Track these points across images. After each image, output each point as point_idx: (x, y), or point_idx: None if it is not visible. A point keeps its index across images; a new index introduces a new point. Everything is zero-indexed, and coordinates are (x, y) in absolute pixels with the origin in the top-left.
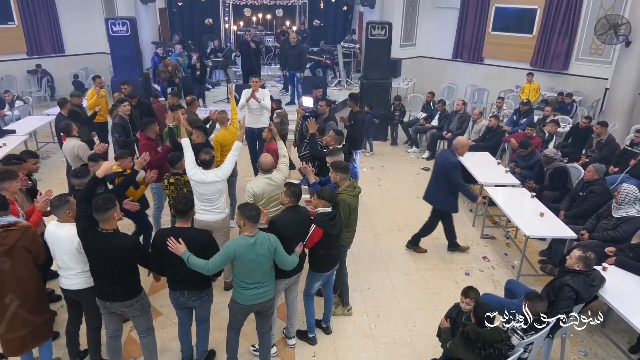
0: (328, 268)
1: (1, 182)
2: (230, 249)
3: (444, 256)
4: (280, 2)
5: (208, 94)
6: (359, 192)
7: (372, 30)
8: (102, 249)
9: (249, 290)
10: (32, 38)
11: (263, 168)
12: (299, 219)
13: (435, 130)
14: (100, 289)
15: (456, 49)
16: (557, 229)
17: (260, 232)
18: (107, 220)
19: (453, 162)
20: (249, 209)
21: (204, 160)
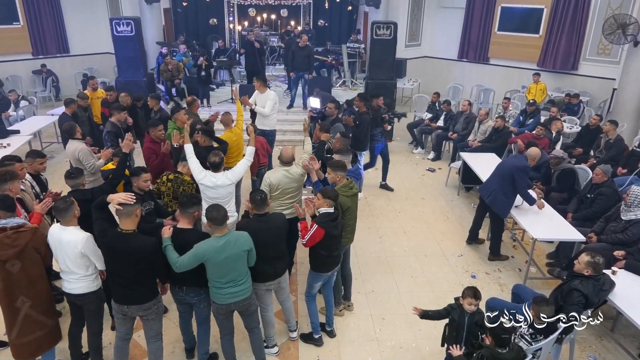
0: (329, 268)
1: (3, 183)
2: (198, 251)
3: (449, 259)
4: (285, 2)
5: (212, 94)
6: (356, 193)
7: (377, 30)
8: (121, 250)
9: (224, 289)
10: (37, 38)
11: (283, 160)
12: (266, 227)
13: (441, 130)
14: (118, 292)
15: (462, 49)
16: (565, 232)
17: (231, 231)
18: (129, 216)
19: (525, 166)
20: (213, 210)
21: (214, 162)
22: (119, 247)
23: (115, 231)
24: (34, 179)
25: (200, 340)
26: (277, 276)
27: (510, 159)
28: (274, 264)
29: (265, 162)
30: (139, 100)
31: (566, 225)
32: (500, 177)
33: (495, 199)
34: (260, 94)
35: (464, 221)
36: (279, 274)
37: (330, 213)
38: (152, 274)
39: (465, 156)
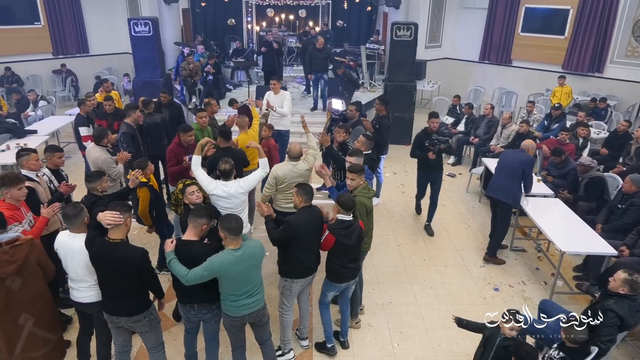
0: (342, 279)
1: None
2: (213, 265)
3: (471, 269)
4: (304, 3)
5: (229, 95)
6: (373, 195)
7: (397, 31)
8: (107, 259)
9: (239, 301)
10: (57, 38)
11: (291, 155)
12: (312, 219)
13: (462, 135)
14: (106, 303)
15: (483, 51)
16: (595, 244)
17: (245, 242)
18: (119, 227)
19: (531, 159)
20: (229, 220)
21: (224, 170)
22: (106, 256)
23: (103, 240)
24: (54, 173)
25: (210, 358)
26: (313, 271)
27: (514, 154)
28: (313, 259)
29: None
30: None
31: (595, 237)
32: (508, 173)
33: (506, 191)
34: (275, 95)
35: (485, 230)
36: (314, 269)
37: (345, 221)
38: (142, 285)
39: (487, 162)
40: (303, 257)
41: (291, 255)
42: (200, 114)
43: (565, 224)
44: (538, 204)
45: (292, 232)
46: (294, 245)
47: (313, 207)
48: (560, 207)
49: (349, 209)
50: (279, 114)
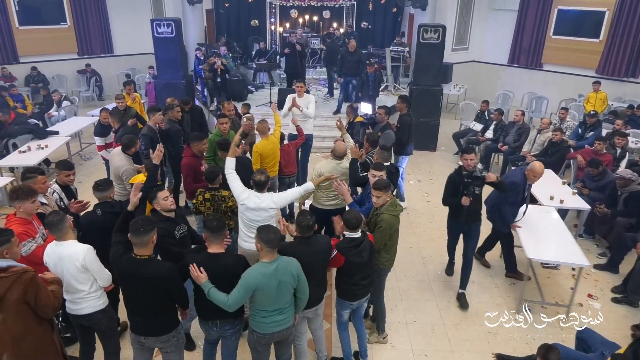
0: (354, 297)
1: (12, 201)
2: (249, 281)
3: (500, 287)
4: (328, 3)
5: (251, 97)
6: (401, 211)
7: (425, 34)
8: (135, 276)
9: (270, 317)
10: (83, 38)
11: (336, 154)
12: (313, 251)
13: (490, 142)
14: (134, 322)
15: (512, 54)
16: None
17: (280, 257)
18: (145, 244)
19: (513, 181)
20: (267, 231)
21: (259, 181)
22: (133, 273)
23: (129, 256)
24: (63, 190)
25: None
26: (315, 303)
27: (509, 172)
28: (315, 290)
29: (291, 172)
30: (187, 104)
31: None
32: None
33: (492, 215)
34: (299, 98)
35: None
36: (318, 300)
37: (354, 239)
38: (170, 302)
39: None
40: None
41: None
42: (222, 120)
43: (547, 232)
44: (532, 212)
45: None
46: None
47: (317, 236)
48: (552, 216)
49: (354, 228)
50: (305, 115)
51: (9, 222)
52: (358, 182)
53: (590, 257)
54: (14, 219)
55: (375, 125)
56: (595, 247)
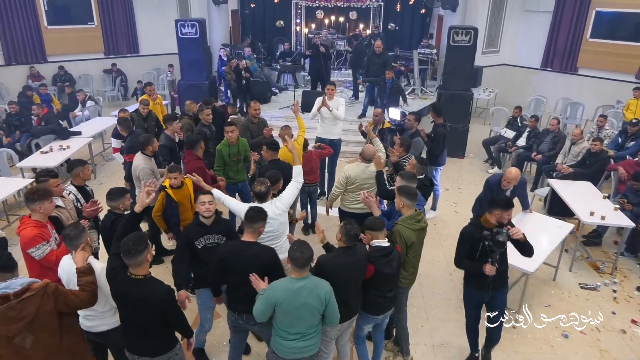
0: (380, 311)
1: (31, 202)
2: (270, 293)
3: (535, 309)
4: (355, 4)
5: (274, 99)
6: (424, 227)
7: (455, 36)
8: (129, 296)
9: (289, 341)
10: (109, 38)
11: (365, 157)
12: (352, 262)
13: (522, 150)
14: (128, 340)
15: (546, 57)
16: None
17: (312, 277)
18: (139, 264)
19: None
20: (295, 248)
21: (259, 192)
22: (128, 293)
23: (124, 275)
24: (79, 190)
25: None
26: (352, 315)
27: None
28: (353, 301)
29: (313, 180)
30: (208, 104)
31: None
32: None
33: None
34: (329, 101)
35: (551, 261)
36: (355, 312)
37: (384, 247)
38: (166, 324)
39: (554, 183)
40: (340, 301)
41: None
42: (228, 129)
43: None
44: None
45: (321, 276)
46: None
47: (356, 247)
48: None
49: (379, 228)
50: (335, 116)
51: (24, 224)
52: (386, 195)
53: (633, 278)
54: (28, 221)
55: (404, 132)
56: (637, 267)
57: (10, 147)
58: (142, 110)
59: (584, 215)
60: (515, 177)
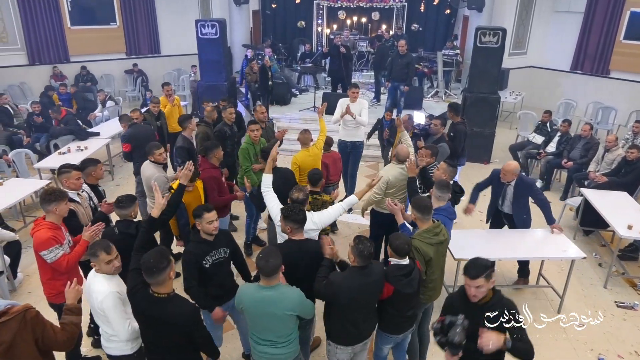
0: (400, 330)
1: (47, 204)
2: (238, 295)
3: (567, 329)
4: (377, 5)
5: (294, 101)
6: (443, 240)
7: (482, 37)
8: (151, 316)
9: (261, 346)
10: (131, 39)
11: (399, 158)
12: (366, 282)
13: (552, 156)
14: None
15: (576, 59)
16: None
17: (280, 286)
18: (162, 282)
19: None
20: (262, 256)
21: (297, 199)
22: (150, 313)
23: (147, 292)
24: (92, 189)
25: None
26: (366, 337)
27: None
28: (366, 324)
29: (335, 179)
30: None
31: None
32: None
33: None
34: (352, 104)
35: (583, 276)
36: (369, 334)
37: (404, 266)
38: (190, 344)
39: (588, 193)
40: (350, 322)
41: (335, 315)
42: (253, 127)
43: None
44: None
45: (331, 296)
46: (338, 308)
47: (371, 266)
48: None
49: (405, 255)
50: (358, 123)
51: (38, 226)
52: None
53: None
54: (43, 223)
55: (428, 137)
56: None
57: (30, 147)
58: (153, 109)
59: (621, 228)
60: (512, 170)
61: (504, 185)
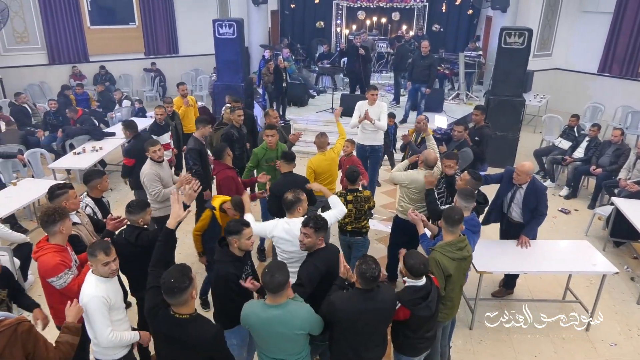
0: (417, 352)
1: (52, 225)
2: (243, 313)
3: (597, 347)
4: (398, 5)
5: (312, 102)
6: (467, 257)
7: (507, 38)
8: (173, 337)
9: None
10: (150, 39)
11: (428, 164)
12: (373, 308)
13: (580, 162)
14: None
15: (604, 62)
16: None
17: (290, 304)
18: (184, 303)
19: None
20: (267, 272)
21: (285, 200)
22: (170, 334)
23: (167, 313)
24: (96, 203)
25: None
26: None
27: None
28: (374, 351)
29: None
30: (236, 102)
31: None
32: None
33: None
34: (370, 106)
35: (615, 291)
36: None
37: (419, 288)
38: None
39: (619, 202)
40: (352, 349)
41: (336, 339)
42: (269, 132)
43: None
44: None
45: (329, 316)
46: (338, 331)
47: (377, 290)
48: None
49: (419, 275)
50: (377, 128)
51: (42, 250)
52: (437, 216)
53: None
54: (48, 247)
55: (450, 142)
56: None
57: (46, 147)
58: (168, 109)
59: None
60: (527, 172)
61: (514, 186)
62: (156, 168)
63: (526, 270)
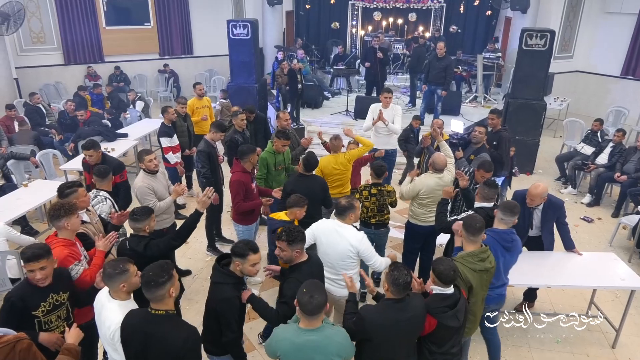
0: None
1: (57, 220)
2: (273, 340)
3: None
4: (415, 5)
5: (326, 104)
6: (489, 268)
7: (528, 39)
8: (142, 332)
9: None
10: (164, 39)
11: (436, 167)
12: (403, 318)
13: (604, 169)
14: None
15: (628, 64)
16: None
17: (326, 328)
18: (160, 299)
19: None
20: (305, 291)
21: (338, 205)
22: (141, 328)
23: (144, 310)
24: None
25: None
26: None
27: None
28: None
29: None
30: (251, 112)
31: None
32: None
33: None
34: (385, 109)
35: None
36: None
37: (447, 296)
38: None
39: None
40: None
41: (366, 355)
42: (284, 142)
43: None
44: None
45: (362, 334)
46: (370, 347)
47: (409, 299)
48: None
49: (449, 282)
50: (391, 130)
51: (51, 244)
52: (444, 227)
53: None
54: (57, 241)
55: (467, 147)
56: None
57: (60, 147)
58: (181, 110)
59: None
60: (541, 194)
61: (528, 210)
62: (149, 180)
63: (550, 284)
